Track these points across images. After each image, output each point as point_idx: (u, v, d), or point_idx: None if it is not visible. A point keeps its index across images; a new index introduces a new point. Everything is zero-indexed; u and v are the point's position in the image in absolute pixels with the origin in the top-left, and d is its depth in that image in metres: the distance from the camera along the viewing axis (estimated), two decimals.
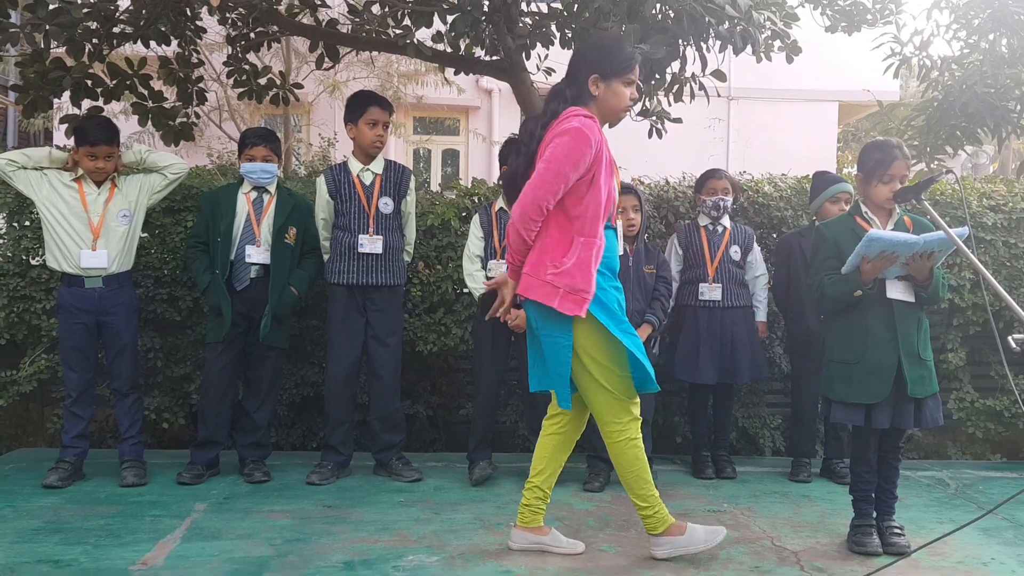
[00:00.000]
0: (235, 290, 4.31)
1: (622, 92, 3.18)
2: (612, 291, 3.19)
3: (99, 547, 3.30)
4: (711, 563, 3.30)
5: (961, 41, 6.63)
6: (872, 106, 13.47)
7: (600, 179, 3.10)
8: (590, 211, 3.10)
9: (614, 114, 3.23)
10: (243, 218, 4.34)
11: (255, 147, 4.38)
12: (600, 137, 3.11)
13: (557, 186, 3.05)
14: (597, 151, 3.08)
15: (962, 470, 4.99)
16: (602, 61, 3.17)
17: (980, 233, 5.20)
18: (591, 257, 3.10)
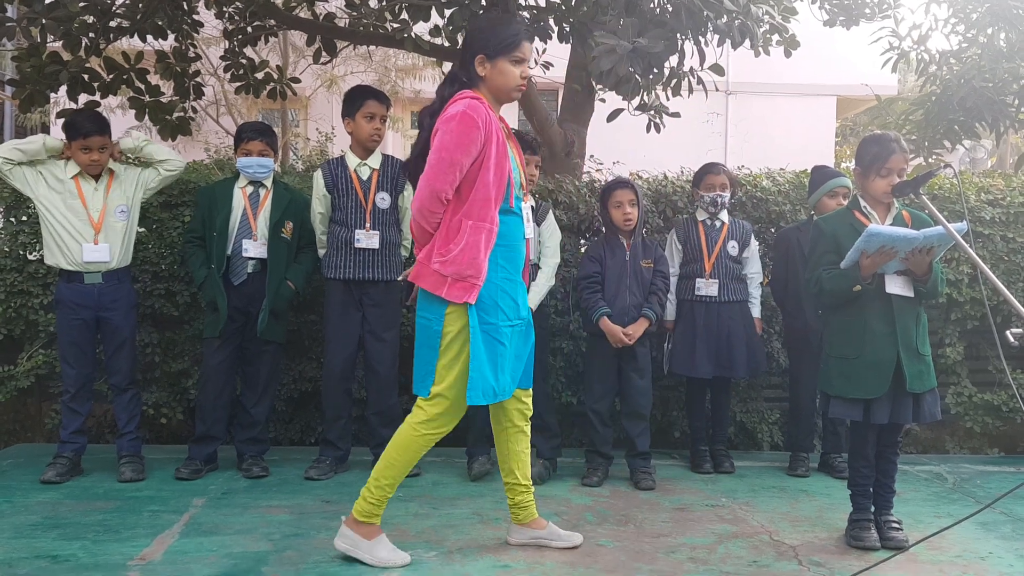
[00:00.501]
0: (232, 285, 4.30)
1: (509, 71, 3.11)
2: (504, 284, 3.11)
3: (97, 542, 3.30)
4: (709, 557, 3.30)
5: (959, 35, 6.62)
6: (870, 100, 13.46)
7: (490, 162, 3.03)
8: (479, 194, 3.03)
9: (504, 94, 3.16)
10: (239, 212, 4.32)
11: (251, 141, 4.36)
12: (489, 117, 3.05)
13: (452, 175, 3.00)
14: (486, 133, 3.02)
15: (960, 464, 5.00)
16: (486, 40, 3.11)
17: (978, 228, 5.20)
18: (480, 242, 3.02)
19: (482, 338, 3.06)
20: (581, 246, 5.18)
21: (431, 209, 3.04)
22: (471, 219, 3.03)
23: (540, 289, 4.31)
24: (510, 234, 3.15)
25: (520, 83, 3.15)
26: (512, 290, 3.16)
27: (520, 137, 4.38)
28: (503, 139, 3.11)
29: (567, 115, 6.30)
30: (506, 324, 3.12)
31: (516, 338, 3.20)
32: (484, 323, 3.06)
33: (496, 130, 3.08)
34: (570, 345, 5.08)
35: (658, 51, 4.09)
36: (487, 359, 3.06)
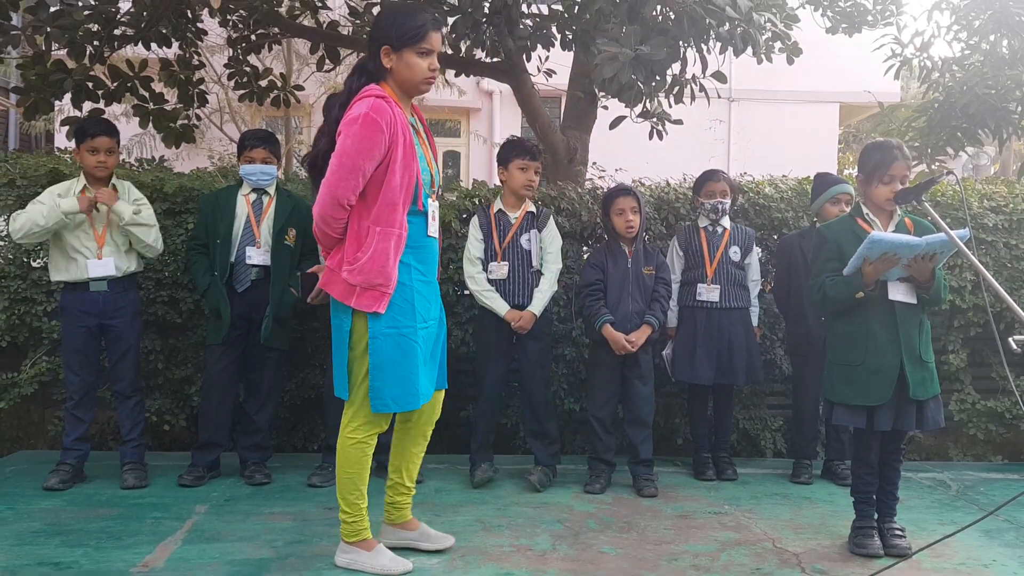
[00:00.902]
0: (236, 292, 4.30)
1: (416, 63, 3.00)
2: (418, 286, 3.07)
3: (100, 549, 3.30)
4: (712, 564, 3.30)
5: (962, 42, 6.62)
6: (873, 107, 13.48)
7: (396, 165, 2.94)
8: (386, 199, 2.95)
9: (412, 87, 3.06)
10: (243, 220, 4.33)
11: (254, 149, 4.37)
12: (394, 118, 2.94)
13: (355, 180, 2.91)
14: (391, 135, 2.93)
15: (963, 472, 4.99)
16: (391, 31, 3.00)
17: (981, 234, 5.19)
18: (389, 248, 2.96)
19: (393, 344, 3.00)
20: (583, 253, 5.19)
21: (333, 216, 2.96)
22: (379, 225, 2.96)
23: (543, 295, 4.32)
24: (419, 235, 3.08)
25: (428, 76, 3.04)
26: (426, 291, 3.12)
27: (521, 143, 4.40)
28: (410, 138, 3.01)
29: (570, 122, 6.32)
30: (422, 327, 3.08)
31: (429, 340, 3.15)
32: (401, 328, 3.00)
33: (403, 129, 2.97)
34: (572, 352, 5.08)
35: (660, 58, 4.10)
36: (397, 366, 3.00)
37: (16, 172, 4.86)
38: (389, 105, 2.96)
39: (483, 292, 4.33)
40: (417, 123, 3.17)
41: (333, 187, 2.92)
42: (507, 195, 4.45)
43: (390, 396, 3.02)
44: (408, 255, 3.03)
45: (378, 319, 2.98)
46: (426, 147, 3.15)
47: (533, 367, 4.38)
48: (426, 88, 3.11)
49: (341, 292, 2.99)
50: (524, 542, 3.51)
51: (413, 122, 3.12)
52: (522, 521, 3.79)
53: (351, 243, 2.99)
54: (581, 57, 6.06)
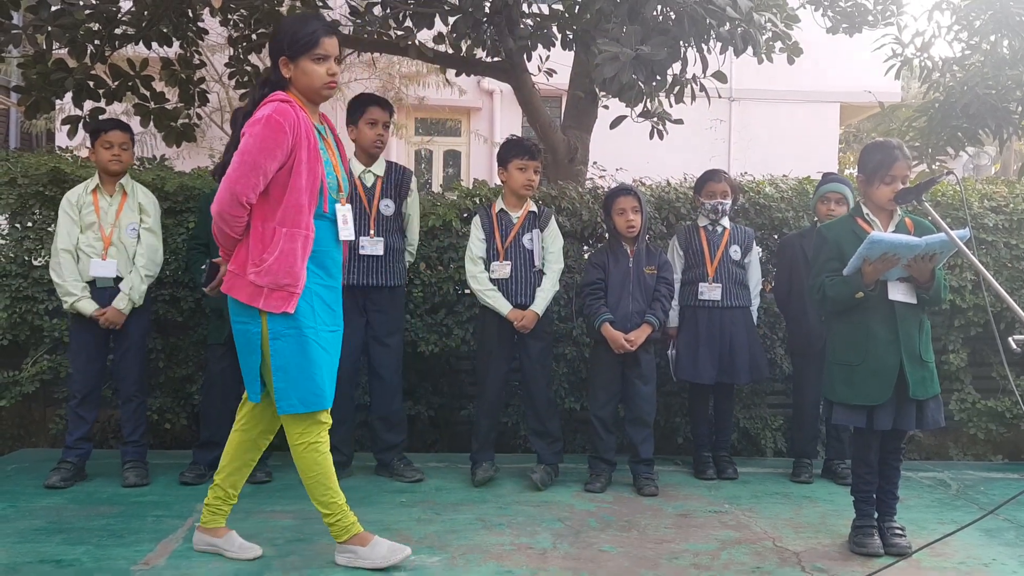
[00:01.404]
0: None
1: (312, 69, 3.03)
2: (319, 290, 3.07)
3: (101, 547, 3.31)
4: (713, 563, 3.30)
5: (962, 42, 6.63)
6: (873, 107, 13.48)
7: (301, 167, 2.97)
8: (292, 200, 2.97)
9: (313, 93, 3.08)
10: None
11: None
12: (298, 121, 2.98)
13: (255, 179, 2.93)
14: (295, 137, 2.96)
15: (963, 471, 5.00)
16: (285, 41, 3.05)
17: (981, 234, 5.20)
18: (296, 249, 2.98)
19: (296, 345, 3.01)
20: (584, 252, 5.19)
21: (232, 213, 2.96)
22: (285, 226, 2.97)
23: (545, 294, 4.33)
24: (324, 239, 3.09)
25: (327, 81, 3.07)
26: (329, 297, 3.13)
27: (520, 143, 4.41)
28: (315, 142, 3.04)
29: (570, 122, 6.33)
30: (324, 329, 3.09)
31: (335, 343, 3.16)
32: (303, 328, 3.01)
33: (307, 133, 3.01)
34: (573, 351, 5.09)
35: (661, 58, 4.10)
36: (300, 366, 3.02)
37: (17, 171, 4.87)
38: (293, 109, 3.01)
39: (485, 291, 4.34)
40: (326, 131, 3.19)
41: (233, 184, 2.94)
42: (508, 195, 4.45)
43: (296, 397, 3.03)
44: (312, 259, 3.04)
45: (281, 320, 2.99)
46: (333, 153, 3.17)
47: (535, 366, 4.39)
48: (328, 93, 3.12)
49: (248, 295, 2.99)
50: (525, 540, 3.51)
51: (321, 129, 3.14)
52: (523, 520, 3.80)
53: (256, 245, 3.00)
54: (582, 57, 6.06)
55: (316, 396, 3.05)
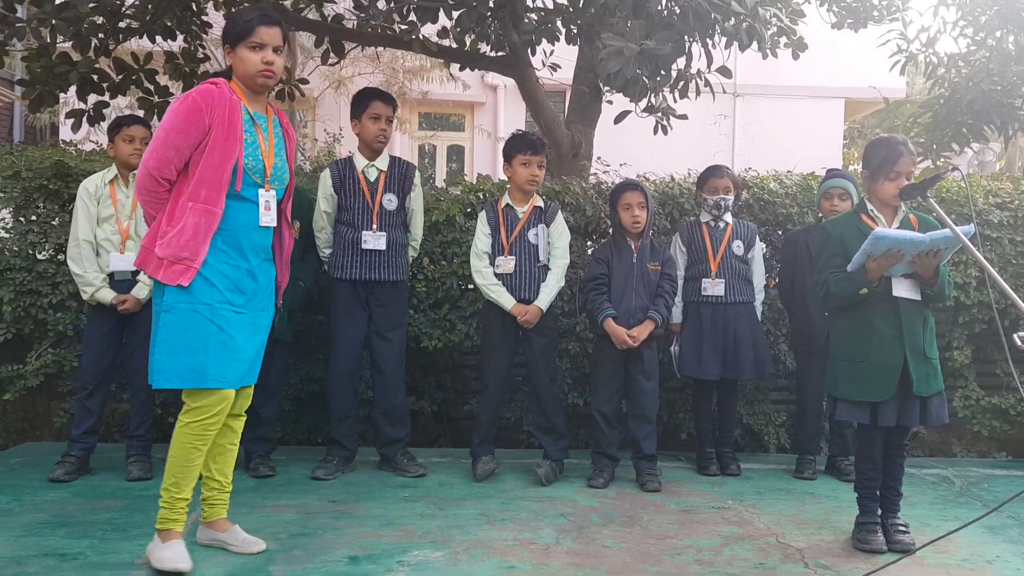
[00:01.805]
0: None
1: (247, 57, 3.10)
2: (225, 269, 3.07)
3: (105, 540, 3.31)
4: (715, 559, 3.30)
5: (968, 38, 6.62)
6: (878, 103, 13.47)
7: (216, 145, 3.02)
8: (202, 176, 3.02)
9: (250, 80, 3.14)
10: None
11: None
12: (221, 101, 3.05)
13: (167, 154, 3.00)
14: (212, 117, 3.02)
15: (967, 468, 4.99)
16: (226, 31, 3.16)
17: (986, 231, 5.18)
18: (199, 224, 3.01)
19: (184, 318, 3.00)
20: (588, 248, 5.19)
21: (148, 188, 3.04)
22: (192, 201, 3.02)
23: (549, 290, 4.32)
24: (240, 220, 3.11)
25: (261, 68, 3.11)
26: (235, 276, 3.11)
27: (523, 138, 4.40)
28: (237, 124, 3.07)
29: (574, 117, 6.32)
30: (228, 309, 3.08)
31: (243, 326, 3.13)
32: (196, 304, 3.01)
33: (230, 114, 3.06)
34: (577, 347, 5.09)
35: (665, 53, 4.09)
36: (184, 340, 3.00)
37: (21, 164, 4.87)
38: (220, 90, 3.08)
39: (489, 286, 4.33)
40: (269, 121, 3.22)
41: (147, 159, 3.03)
42: (513, 190, 4.45)
43: (174, 371, 3.01)
44: (218, 237, 3.06)
45: (175, 293, 3.01)
46: (264, 139, 3.18)
47: (539, 362, 4.39)
48: (264, 80, 3.15)
49: (153, 266, 3.04)
50: (527, 536, 3.51)
51: (257, 115, 3.17)
52: (526, 515, 3.80)
53: (165, 218, 3.06)
54: (586, 51, 6.05)
55: (195, 373, 3.01)
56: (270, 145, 3.19)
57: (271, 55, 3.12)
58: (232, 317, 3.09)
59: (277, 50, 3.15)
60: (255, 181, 3.13)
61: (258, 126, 3.16)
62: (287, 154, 3.28)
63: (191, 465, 3.09)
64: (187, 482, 3.10)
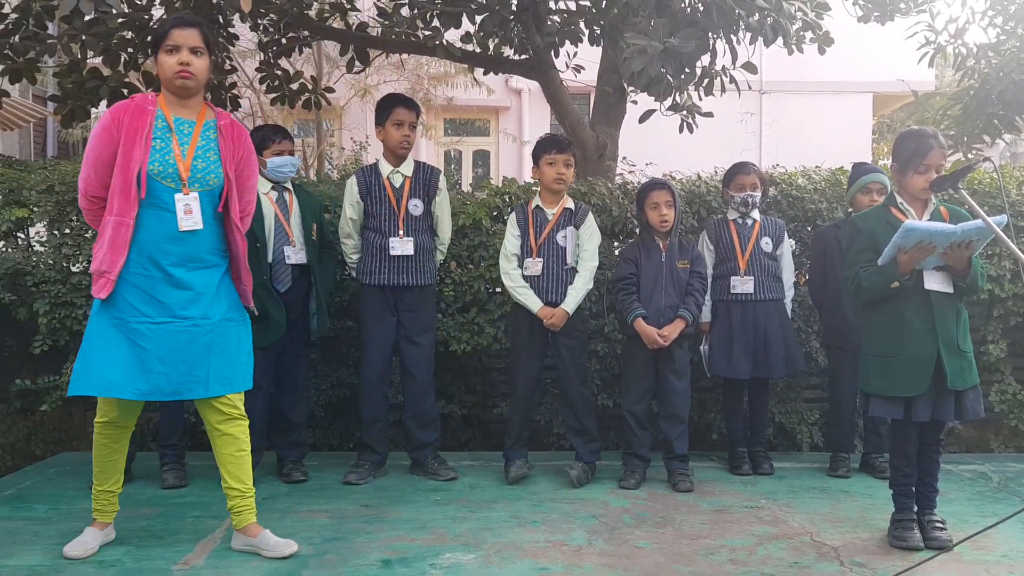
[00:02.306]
0: (278, 292, 4.25)
1: (164, 61, 3.14)
2: (138, 280, 3.09)
3: (141, 548, 3.35)
4: (750, 559, 3.28)
5: (997, 28, 6.53)
6: (907, 96, 13.26)
7: (123, 156, 3.06)
8: (115, 188, 3.07)
9: (169, 83, 3.17)
10: (271, 219, 4.28)
11: (283, 141, 4.38)
12: (128, 114, 3.10)
13: (87, 172, 3.12)
14: (121, 130, 3.07)
15: (1005, 463, 4.91)
16: (151, 42, 3.26)
17: (1020, 222, 5.10)
18: (114, 237, 3.06)
19: (93, 327, 3.11)
20: (615, 248, 5.17)
21: (83, 206, 3.19)
22: (111, 215, 3.09)
23: (577, 293, 4.31)
24: (149, 227, 3.11)
25: (176, 70, 3.13)
26: (148, 286, 3.11)
27: (548, 139, 4.41)
28: (144, 132, 3.09)
29: (599, 118, 6.31)
30: (143, 321, 3.10)
31: (165, 337, 3.11)
32: (106, 315, 3.09)
33: (138, 124, 3.09)
34: (606, 348, 5.07)
35: (689, 51, 4.07)
36: (87, 348, 3.09)
37: (55, 178, 4.95)
38: (132, 103, 3.17)
39: (516, 288, 4.34)
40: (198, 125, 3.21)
41: (80, 179, 3.16)
42: (543, 192, 4.46)
43: (84, 379, 3.10)
44: (134, 248, 3.09)
45: (97, 304, 3.12)
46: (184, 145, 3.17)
47: (568, 364, 4.38)
48: (181, 82, 3.15)
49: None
50: (559, 537, 3.51)
51: (179, 120, 3.18)
52: (557, 517, 3.79)
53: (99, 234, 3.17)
54: (609, 52, 6.04)
55: (83, 381, 3.09)
56: (190, 148, 3.17)
57: (186, 56, 3.13)
58: (146, 329, 3.10)
59: (195, 51, 3.15)
60: (168, 186, 3.12)
61: (174, 130, 3.17)
62: (225, 155, 3.24)
63: (106, 462, 3.31)
64: (105, 476, 3.32)
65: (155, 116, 3.14)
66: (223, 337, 3.22)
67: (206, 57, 3.19)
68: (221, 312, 3.23)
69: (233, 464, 3.32)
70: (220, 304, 3.23)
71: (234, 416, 3.31)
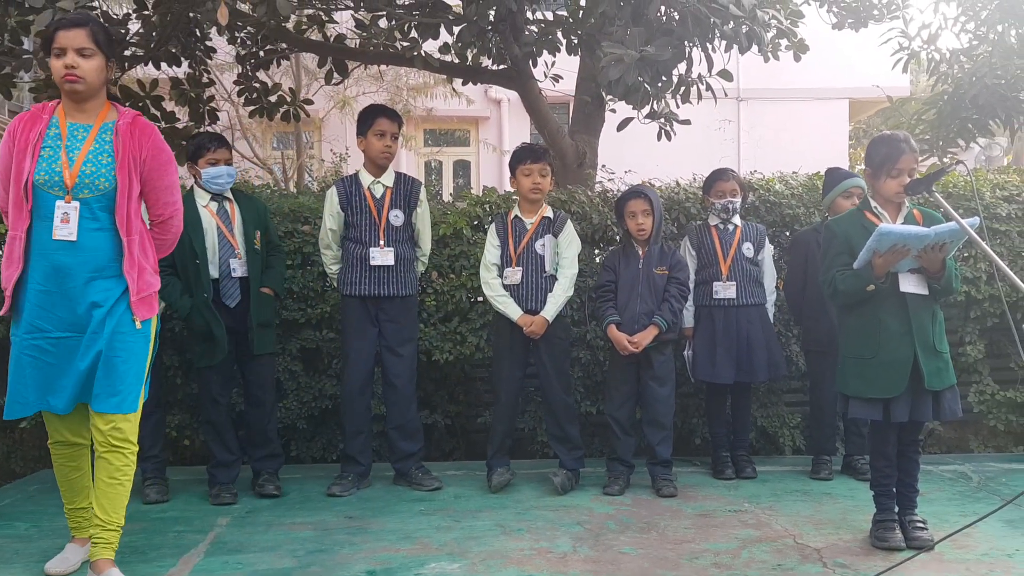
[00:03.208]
0: (227, 308, 4.16)
1: (53, 65, 3.03)
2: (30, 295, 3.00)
3: (124, 563, 3.31)
4: (734, 562, 3.29)
5: (969, 33, 6.60)
6: (882, 102, 13.42)
7: (15, 167, 2.99)
8: (11, 202, 3.00)
9: (60, 86, 3.05)
10: (214, 232, 4.16)
11: (218, 150, 4.24)
12: (24, 123, 3.03)
13: None
14: (16, 141, 3.01)
15: (985, 463, 4.96)
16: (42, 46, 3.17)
17: (994, 224, 5.17)
18: (9, 251, 3.01)
19: (17, 350, 3.04)
20: (595, 256, 5.20)
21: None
22: (10, 231, 3.03)
23: (556, 300, 4.33)
24: (38, 240, 3.00)
25: (63, 75, 2.99)
26: (45, 300, 2.99)
27: (523, 149, 4.44)
28: (33, 140, 3.00)
29: (578, 127, 6.35)
30: (37, 337, 3.01)
31: (64, 352, 3.01)
32: (18, 336, 3.04)
33: (30, 133, 3.01)
34: (588, 355, 5.09)
35: (666, 59, 4.12)
36: (16, 371, 3.04)
37: None
38: (30, 112, 3.08)
39: (497, 297, 4.35)
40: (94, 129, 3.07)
41: None
42: (522, 201, 4.48)
43: (11, 399, 3.06)
44: (30, 261, 3.01)
45: (10, 323, 3.08)
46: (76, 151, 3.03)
47: (549, 372, 4.39)
48: (69, 86, 3.00)
49: None
50: (544, 545, 3.51)
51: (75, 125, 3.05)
52: (542, 524, 3.80)
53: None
54: (587, 61, 6.09)
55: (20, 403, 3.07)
56: (81, 154, 3.02)
57: (72, 58, 2.98)
58: (46, 344, 3.01)
59: (83, 52, 2.99)
60: (54, 194, 2.98)
61: (64, 136, 3.03)
62: (122, 157, 3.05)
63: (68, 481, 3.29)
64: (71, 495, 3.31)
65: (48, 124, 3.04)
66: (112, 351, 3.02)
67: (97, 58, 3.02)
68: (113, 326, 3.03)
69: (101, 491, 3.08)
70: (114, 317, 3.04)
71: (116, 442, 3.06)
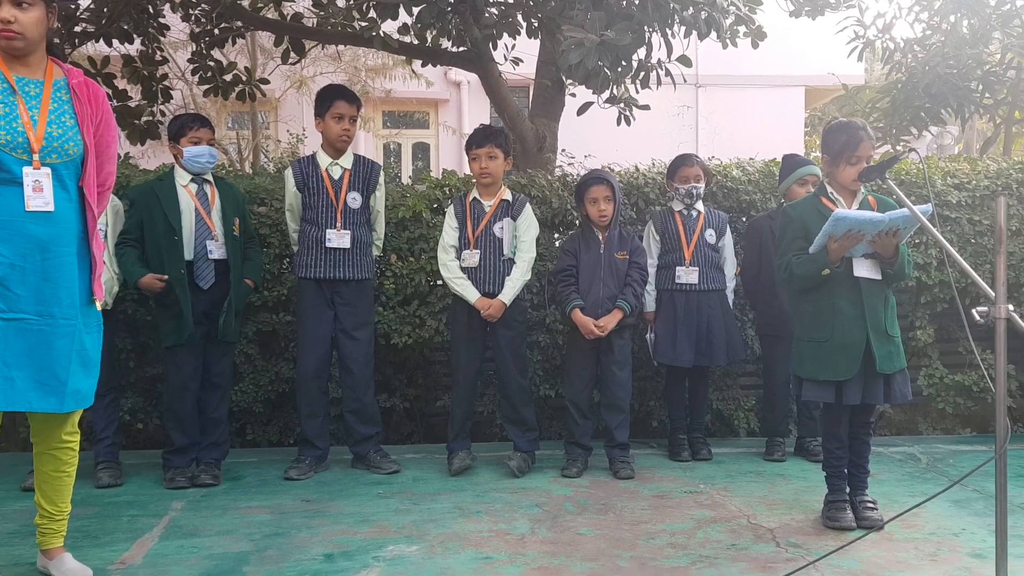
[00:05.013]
0: (200, 289, 4.13)
1: None
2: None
3: (77, 548, 3.27)
4: (689, 542, 3.34)
5: (923, 23, 6.72)
6: (838, 90, 13.61)
7: None
8: None
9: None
10: (192, 213, 4.13)
11: (201, 129, 4.19)
12: None
13: None
14: None
15: (933, 445, 5.07)
16: None
17: (945, 211, 5.27)
18: None
19: None
20: (555, 240, 5.21)
21: None
22: None
23: (514, 284, 4.33)
24: (4, 207, 2.68)
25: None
26: (13, 275, 2.68)
27: (473, 133, 4.41)
28: None
29: (538, 110, 6.34)
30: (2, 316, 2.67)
31: (14, 335, 2.69)
32: None
33: None
34: (547, 339, 5.11)
35: (626, 44, 4.13)
36: None
37: None
38: None
39: (454, 280, 4.34)
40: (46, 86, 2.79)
41: None
42: (478, 184, 4.47)
43: None
44: None
45: None
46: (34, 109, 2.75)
47: (506, 355, 4.39)
48: (5, 43, 2.69)
49: None
50: (503, 527, 3.53)
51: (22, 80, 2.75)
52: (500, 506, 3.81)
53: None
54: (547, 45, 6.07)
55: None
56: (41, 112, 2.74)
57: (8, 11, 2.67)
58: (18, 327, 2.69)
59: (20, 4, 2.69)
60: (18, 157, 2.69)
61: (18, 92, 2.73)
62: (83, 119, 2.81)
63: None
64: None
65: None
66: (80, 344, 2.80)
67: (37, 8, 2.72)
68: (82, 312, 2.81)
69: (47, 484, 2.96)
70: (82, 302, 2.82)
71: (69, 440, 2.93)
